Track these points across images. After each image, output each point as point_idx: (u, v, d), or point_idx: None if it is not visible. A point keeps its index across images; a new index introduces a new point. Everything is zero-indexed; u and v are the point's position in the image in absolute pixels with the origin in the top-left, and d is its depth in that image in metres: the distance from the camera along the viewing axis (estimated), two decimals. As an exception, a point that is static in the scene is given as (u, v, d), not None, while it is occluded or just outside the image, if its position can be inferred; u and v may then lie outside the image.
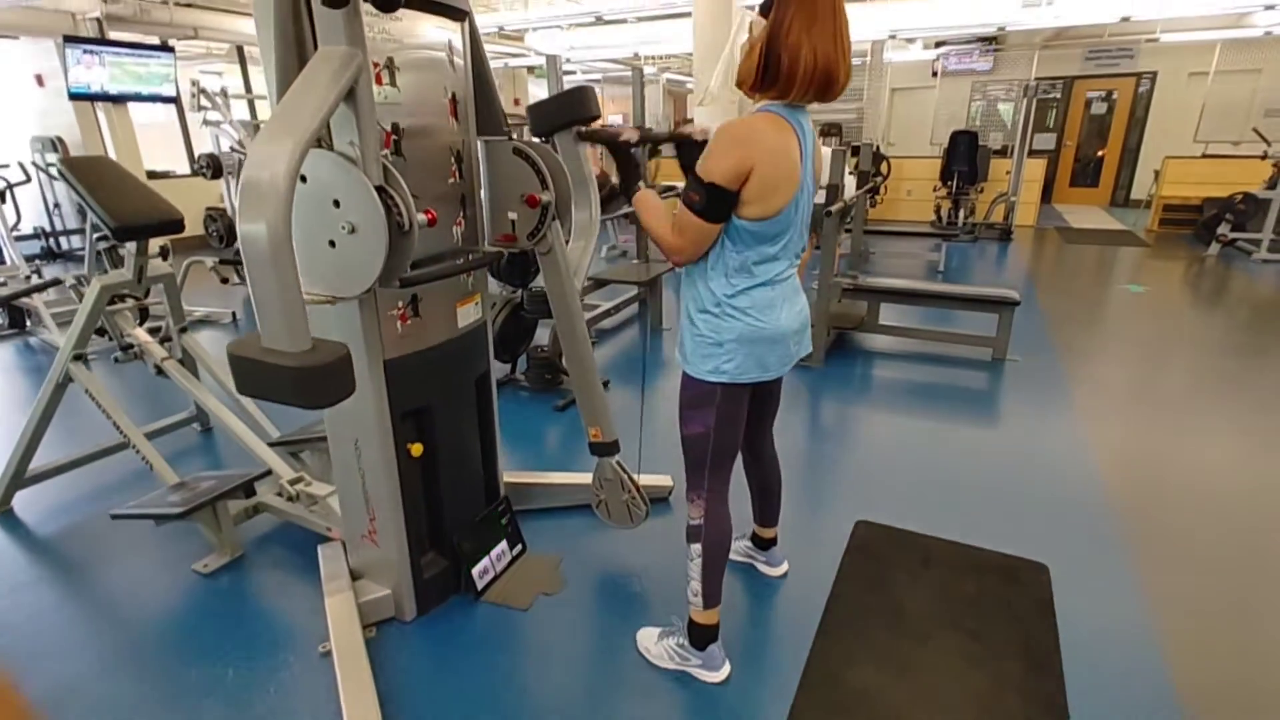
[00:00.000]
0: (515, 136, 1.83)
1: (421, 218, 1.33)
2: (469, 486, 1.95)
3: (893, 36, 8.25)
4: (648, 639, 1.71)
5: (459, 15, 1.61)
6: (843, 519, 2.27)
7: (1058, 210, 10.13)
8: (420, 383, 1.69)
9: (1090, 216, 9.52)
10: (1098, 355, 3.96)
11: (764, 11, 1.32)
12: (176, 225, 2.29)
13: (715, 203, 1.31)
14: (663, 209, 1.47)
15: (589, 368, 1.93)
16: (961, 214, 8.09)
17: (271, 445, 2.35)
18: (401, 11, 1.42)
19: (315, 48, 1.27)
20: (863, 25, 8.21)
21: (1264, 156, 6.46)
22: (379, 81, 1.42)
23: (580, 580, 2.00)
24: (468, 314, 1.80)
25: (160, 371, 2.55)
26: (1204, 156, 8.35)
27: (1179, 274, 6.10)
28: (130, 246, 2.30)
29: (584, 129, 1.72)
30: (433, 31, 1.54)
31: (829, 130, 9.05)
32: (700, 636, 1.62)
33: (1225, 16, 7.69)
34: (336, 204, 1.27)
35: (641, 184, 1.53)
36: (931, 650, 1.70)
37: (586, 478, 2.32)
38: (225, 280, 5.86)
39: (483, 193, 1.82)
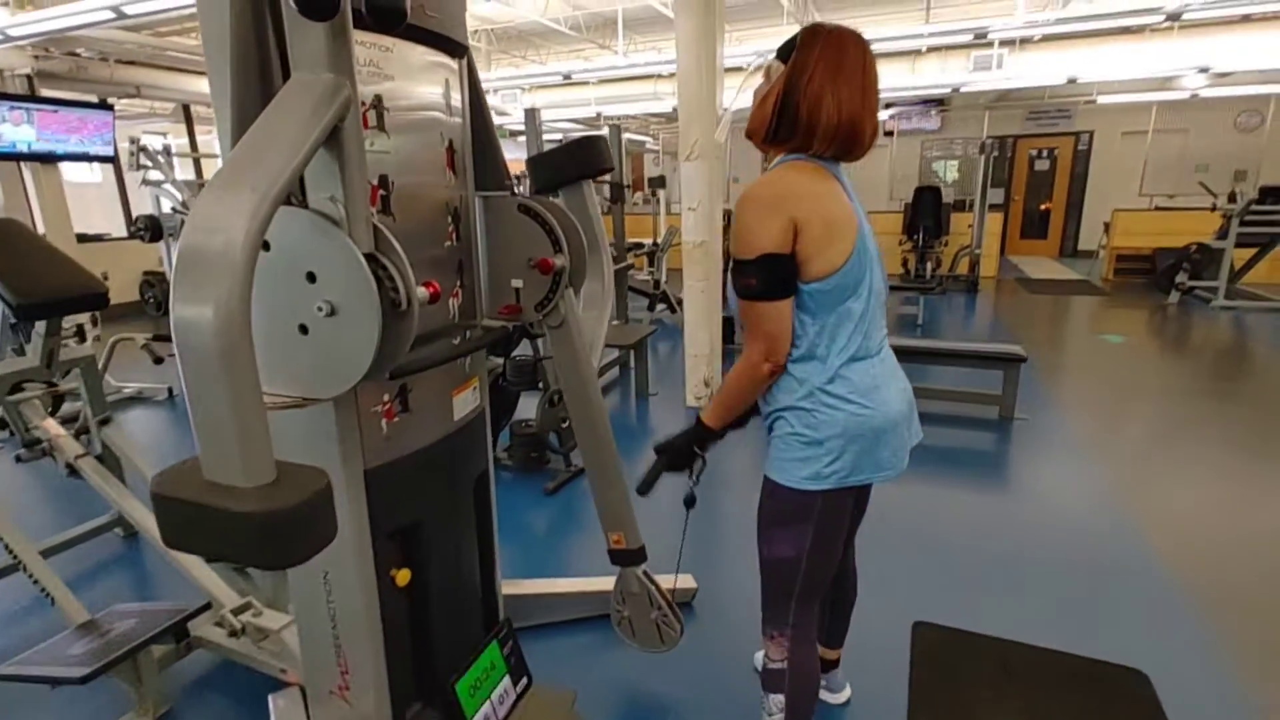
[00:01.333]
0: (518, 192, 1.57)
1: (422, 292, 1.03)
2: (465, 614, 1.58)
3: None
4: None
5: (459, 51, 1.34)
6: (889, 617, 1.96)
7: (1013, 261, 10.42)
8: (409, 494, 1.35)
9: (1044, 267, 9.80)
10: (1102, 409, 3.84)
11: (783, 56, 1.14)
12: (96, 300, 1.91)
13: (774, 274, 1.08)
14: (721, 388, 1.26)
15: (611, 463, 1.61)
16: (929, 266, 8.18)
17: (210, 562, 1.93)
18: (393, 41, 1.15)
19: (285, 77, 0.98)
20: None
21: (1213, 209, 6.71)
22: (365, 124, 1.13)
23: (603, 723, 1.63)
24: (465, 402, 1.48)
25: (73, 472, 2.12)
26: (1156, 209, 8.72)
27: (1147, 323, 6.18)
28: (40, 326, 1.91)
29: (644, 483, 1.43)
30: (428, 67, 1.27)
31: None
32: (779, 810, 1.28)
33: (1155, 80, 8.17)
34: (311, 278, 0.96)
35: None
36: (1051, 802, 1.39)
37: (597, 583, 1.98)
38: (159, 360, 5.32)
39: (480, 257, 1.53)
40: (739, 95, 1.37)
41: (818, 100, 1.07)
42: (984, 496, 2.80)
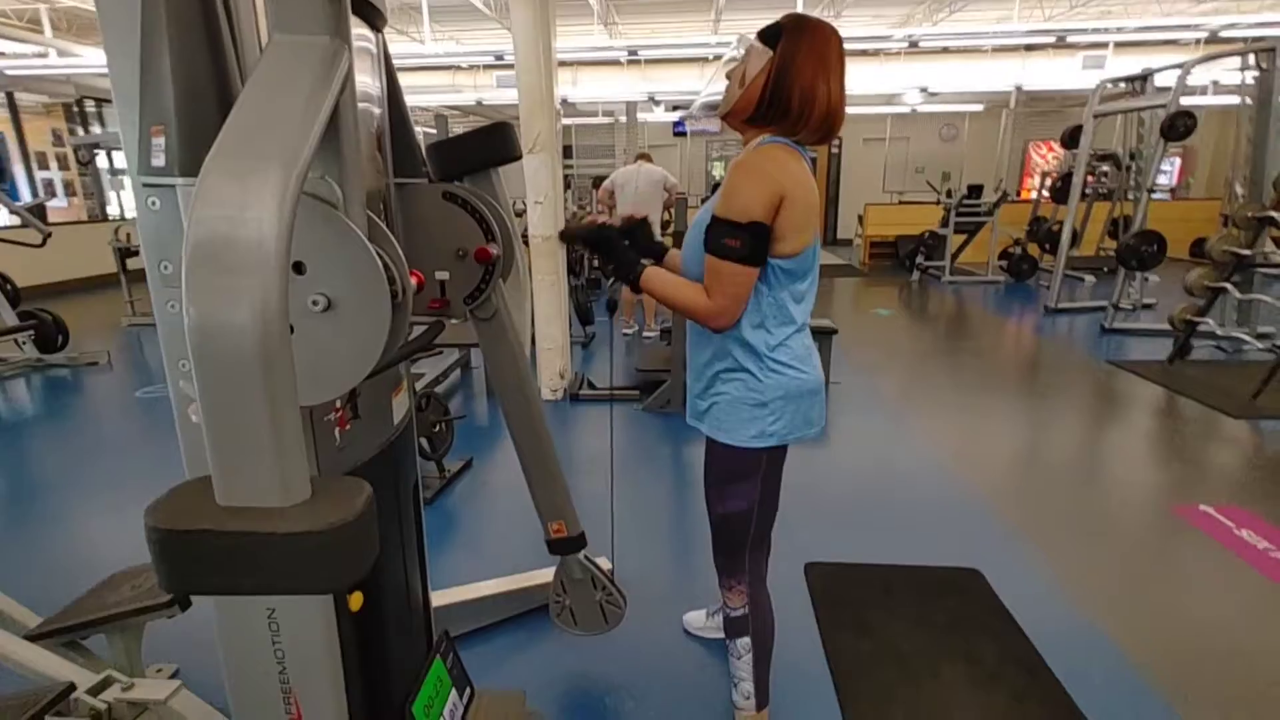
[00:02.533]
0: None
1: (411, 282, 0.96)
2: (413, 633, 1.47)
3: (650, 99, 8.93)
4: (688, 765, 1.43)
5: (378, 21, 1.24)
6: (772, 562, 2.20)
7: (789, 250, 11.83)
8: (361, 508, 1.23)
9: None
10: (891, 370, 4.58)
11: (769, 42, 1.21)
12: None
13: (758, 242, 1.17)
14: (675, 277, 1.28)
15: (551, 455, 1.60)
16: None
17: (35, 639, 1.56)
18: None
19: (235, 40, 0.86)
20: (622, 88, 8.77)
21: (938, 203, 8.25)
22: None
23: (559, 715, 1.63)
24: (401, 405, 1.37)
25: None
26: (900, 203, 10.43)
27: (900, 298, 7.44)
28: None
29: (565, 231, 1.45)
30: (356, 39, 1.16)
31: (597, 184, 9.42)
32: (758, 745, 1.40)
33: (885, 96, 9.80)
34: (299, 269, 0.85)
35: (643, 261, 1.31)
36: (948, 685, 1.68)
37: (521, 580, 1.95)
38: None
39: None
40: (712, 81, 1.40)
41: (811, 89, 1.15)
42: (821, 451, 3.21)
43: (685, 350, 1.46)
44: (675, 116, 11.62)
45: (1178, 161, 11.05)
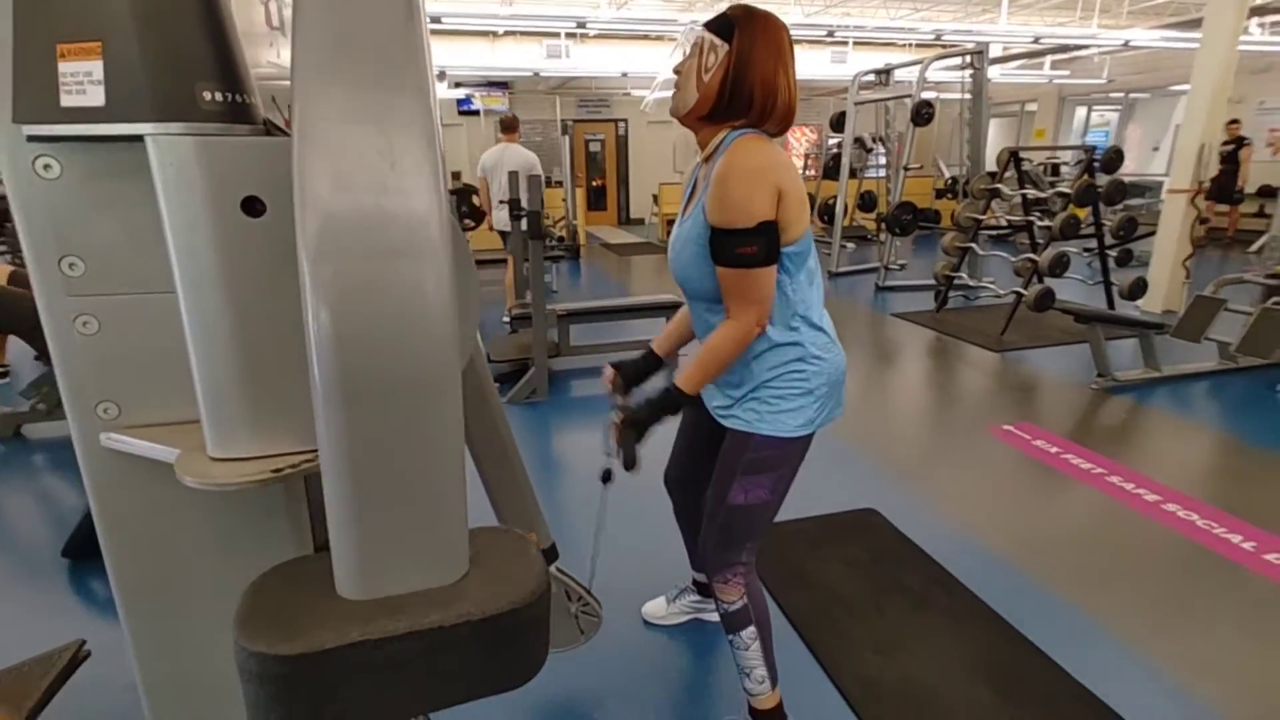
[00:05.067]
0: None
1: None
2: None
3: (440, 74, 8.33)
4: (710, 760, 1.39)
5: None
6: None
7: (589, 230, 11.94)
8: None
9: (614, 234, 11.51)
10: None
11: (721, 34, 1.16)
12: None
13: (772, 240, 1.14)
14: (699, 352, 1.23)
15: (514, 461, 1.42)
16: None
17: None
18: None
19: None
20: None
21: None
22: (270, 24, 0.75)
23: (549, 742, 1.48)
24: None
25: None
26: None
27: (708, 270, 7.95)
28: None
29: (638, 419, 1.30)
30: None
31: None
32: (779, 720, 1.41)
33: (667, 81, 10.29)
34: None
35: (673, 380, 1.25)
36: (893, 616, 1.85)
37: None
38: None
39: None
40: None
41: (772, 81, 1.13)
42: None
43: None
44: (460, 94, 11.02)
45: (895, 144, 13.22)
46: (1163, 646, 1.75)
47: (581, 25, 6.81)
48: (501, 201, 4.90)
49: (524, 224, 4.09)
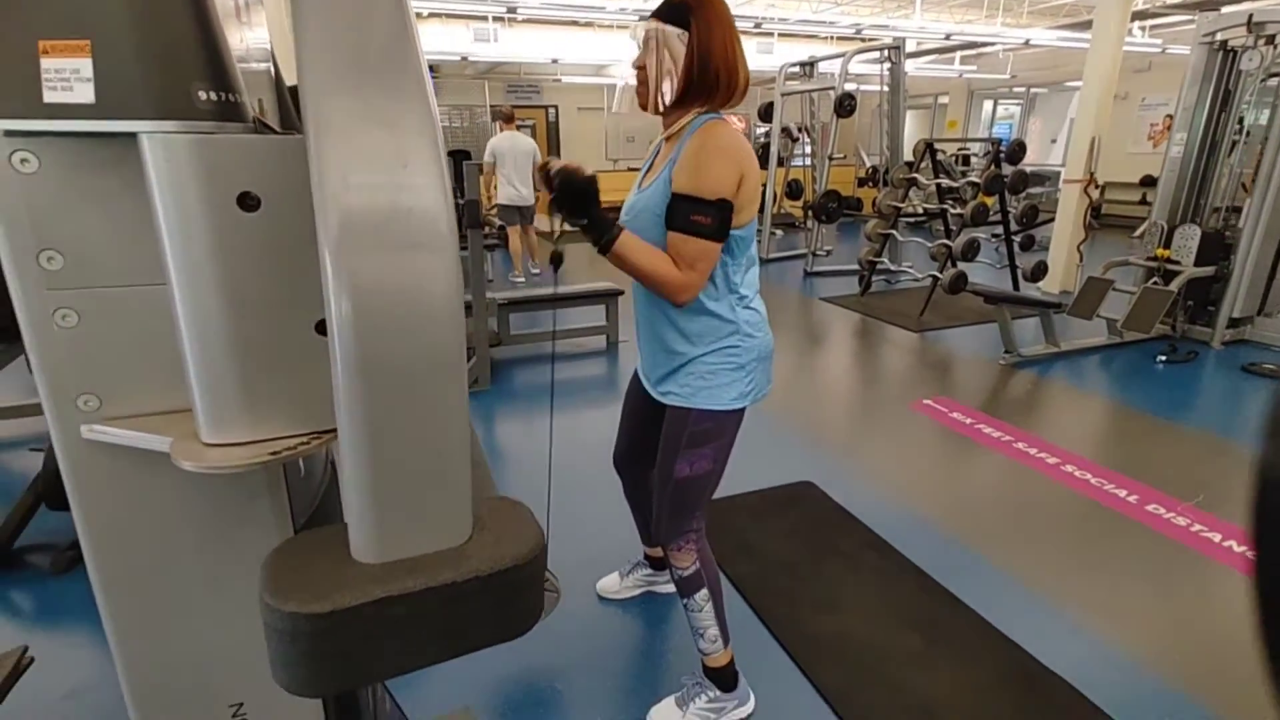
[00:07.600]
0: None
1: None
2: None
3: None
4: (669, 715, 1.48)
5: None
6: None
7: (522, 219, 11.82)
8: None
9: (548, 222, 11.46)
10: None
11: (677, 22, 1.21)
12: None
13: (726, 219, 1.21)
14: (648, 245, 1.23)
15: (473, 438, 1.45)
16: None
17: None
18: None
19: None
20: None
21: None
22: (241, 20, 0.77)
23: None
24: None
25: None
26: (629, 170, 11.05)
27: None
28: None
29: (562, 171, 1.18)
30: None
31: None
32: (731, 677, 1.51)
33: (595, 66, 10.28)
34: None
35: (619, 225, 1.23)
36: (832, 578, 1.99)
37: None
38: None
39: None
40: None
41: (732, 59, 1.20)
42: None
43: (641, 327, 1.44)
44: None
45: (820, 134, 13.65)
46: (1062, 591, 1.97)
47: (512, 10, 6.71)
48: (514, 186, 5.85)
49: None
